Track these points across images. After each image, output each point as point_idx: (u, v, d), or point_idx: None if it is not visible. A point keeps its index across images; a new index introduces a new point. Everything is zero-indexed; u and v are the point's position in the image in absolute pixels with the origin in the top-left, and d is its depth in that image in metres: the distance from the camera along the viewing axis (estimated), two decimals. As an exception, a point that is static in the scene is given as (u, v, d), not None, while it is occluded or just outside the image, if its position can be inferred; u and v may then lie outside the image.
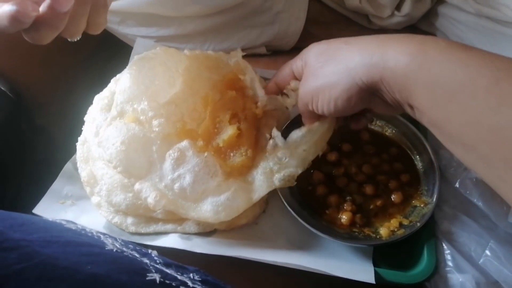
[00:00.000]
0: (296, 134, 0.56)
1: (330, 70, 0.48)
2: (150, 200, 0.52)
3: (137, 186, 0.53)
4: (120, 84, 0.58)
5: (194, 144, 0.56)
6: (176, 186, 0.53)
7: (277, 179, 0.55)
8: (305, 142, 0.55)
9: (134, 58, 0.63)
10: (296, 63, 0.55)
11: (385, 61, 0.43)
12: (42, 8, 0.42)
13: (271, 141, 0.57)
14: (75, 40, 0.48)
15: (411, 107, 0.43)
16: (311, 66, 0.51)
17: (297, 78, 0.57)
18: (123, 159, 0.53)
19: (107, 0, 0.48)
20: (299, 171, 0.55)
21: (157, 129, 0.56)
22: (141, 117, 0.56)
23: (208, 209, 0.53)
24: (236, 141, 0.57)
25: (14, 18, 0.40)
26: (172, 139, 0.56)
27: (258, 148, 0.59)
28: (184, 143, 0.55)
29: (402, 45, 0.43)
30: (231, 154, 0.57)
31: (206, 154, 0.55)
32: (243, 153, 0.57)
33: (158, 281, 0.36)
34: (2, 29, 0.41)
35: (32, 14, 0.41)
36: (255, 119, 0.61)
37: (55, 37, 0.45)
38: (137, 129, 0.55)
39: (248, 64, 0.65)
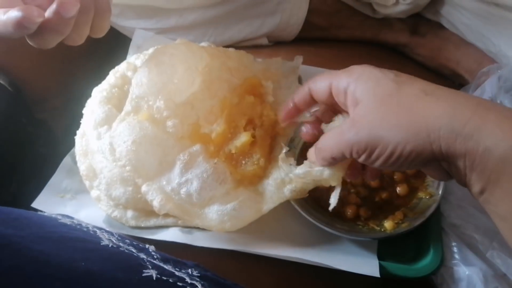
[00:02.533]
0: (301, 169, 0.51)
1: (400, 121, 0.39)
2: (156, 203, 0.51)
3: (144, 188, 0.52)
4: (137, 77, 0.56)
5: (206, 149, 0.54)
6: (183, 191, 0.52)
7: (288, 190, 0.53)
8: (310, 181, 0.51)
9: (149, 50, 0.62)
10: (338, 86, 0.44)
11: (482, 135, 0.35)
12: (48, 13, 0.41)
13: (283, 154, 0.54)
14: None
15: (482, 191, 0.37)
16: (368, 108, 0.41)
17: (325, 103, 0.48)
18: (133, 159, 0.52)
19: (110, 1, 0.48)
20: (311, 186, 0.52)
21: (171, 130, 0.54)
22: (156, 115, 0.55)
23: (213, 217, 0.52)
24: (249, 149, 0.55)
25: (20, 24, 0.40)
26: (185, 142, 0.54)
27: (271, 157, 0.56)
28: (196, 147, 0.54)
29: (507, 121, 0.35)
30: (243, 162, 0.55)
31: (216, 160, 0.54)
32: (255, 162, 0.55)
33: (154, 278, 0.35)
34: (7, 35, 0.41)
35: (37, 20, 0.40)
36: (272, 127, 0.58)
37: None
38: (150, 129, 0.53)
39: (297, 71, 0.64)
